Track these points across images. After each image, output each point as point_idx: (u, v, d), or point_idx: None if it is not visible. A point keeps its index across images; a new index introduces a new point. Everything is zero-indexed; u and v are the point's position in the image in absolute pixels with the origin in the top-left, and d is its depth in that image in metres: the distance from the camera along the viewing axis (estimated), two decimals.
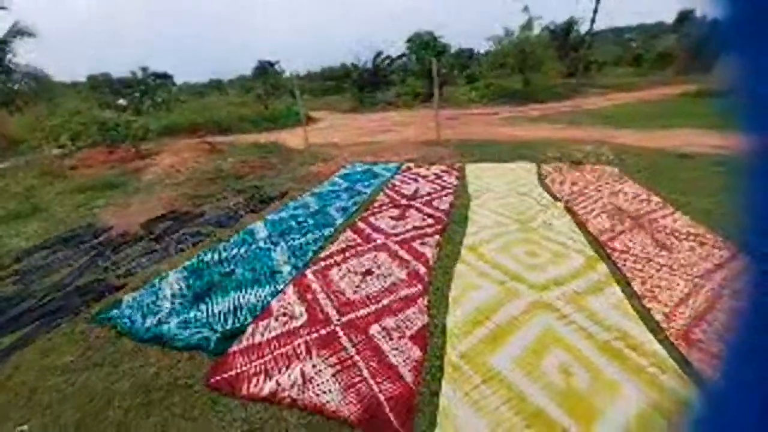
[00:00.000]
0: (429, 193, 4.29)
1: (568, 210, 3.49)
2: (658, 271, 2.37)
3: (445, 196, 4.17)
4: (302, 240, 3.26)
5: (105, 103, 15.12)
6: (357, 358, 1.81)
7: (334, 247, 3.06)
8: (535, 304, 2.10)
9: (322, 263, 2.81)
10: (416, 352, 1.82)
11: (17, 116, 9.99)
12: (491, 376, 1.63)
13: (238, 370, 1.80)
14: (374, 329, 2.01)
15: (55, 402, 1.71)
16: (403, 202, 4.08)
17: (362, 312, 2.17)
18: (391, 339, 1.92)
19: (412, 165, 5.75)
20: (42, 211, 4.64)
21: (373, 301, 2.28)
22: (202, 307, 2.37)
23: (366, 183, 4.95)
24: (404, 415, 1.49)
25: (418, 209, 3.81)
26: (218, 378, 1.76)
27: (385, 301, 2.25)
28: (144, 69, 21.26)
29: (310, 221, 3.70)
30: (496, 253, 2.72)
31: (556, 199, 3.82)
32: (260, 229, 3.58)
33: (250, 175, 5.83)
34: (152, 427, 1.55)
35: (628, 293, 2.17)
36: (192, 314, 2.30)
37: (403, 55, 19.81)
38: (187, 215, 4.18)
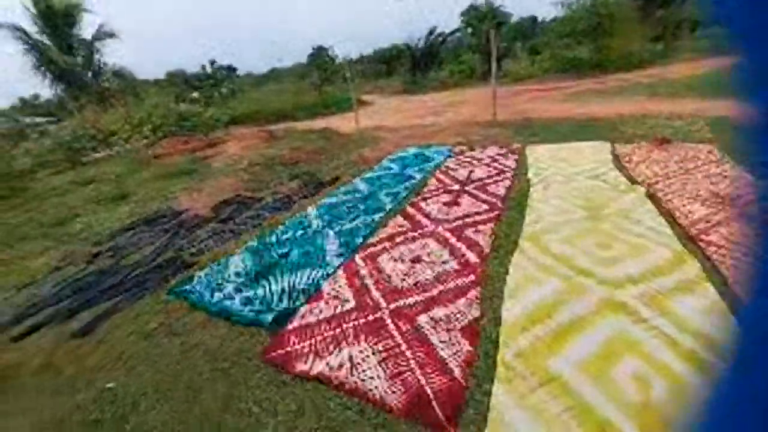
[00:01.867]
0: (484, 178, 4.05)
1: (651, 196, 3.04)
2: None
3: (502, 180, 3.89)
4: (352, 225, 3.29)
5: (181, 97, 16.66)
6: (404, 347, 1.78)
7: (383, 233, 3.04)
8: (606, 304, 1.86)
9: (372, 249, 2.81)
10: (466, 347, 1.73)
11: (110, 111, 11.45)
12: (550, 380, 1.49)
13: (291, 348, 1.88)
14: (422, 319, 1.95)
15: (139, 364, 1.96)
16: (456, 187, 3.90)
17: (410, 300, 2.13)
18: (440, 330, 1.86)
19: (465, 148, 5.47)
20: (130, 196, 5.31)
21: (422, 289, 2.22)
22: (262, 286, 2.52)
23: (417, 167, 4.83)
24: (451, 410, 1.43)
25: (471, 195, 3.61)
26: (274, 354, 1.86)
27: (434, 291, 2.18)
28: (212, 63, 22.90)
29: (361, 206, 3.71)
30: (560, 244, 2.48)
31: (634, 183, 3.36)
32: (313, 214, 3.69)
33: (303, 161, 6.04)
34: (217, 392, 1.70)
35: (725, 295, 1.83)
36: (252, 292, 2.45)
37: (457, 30, 18.75)
38: (250, 200, 4.47)
